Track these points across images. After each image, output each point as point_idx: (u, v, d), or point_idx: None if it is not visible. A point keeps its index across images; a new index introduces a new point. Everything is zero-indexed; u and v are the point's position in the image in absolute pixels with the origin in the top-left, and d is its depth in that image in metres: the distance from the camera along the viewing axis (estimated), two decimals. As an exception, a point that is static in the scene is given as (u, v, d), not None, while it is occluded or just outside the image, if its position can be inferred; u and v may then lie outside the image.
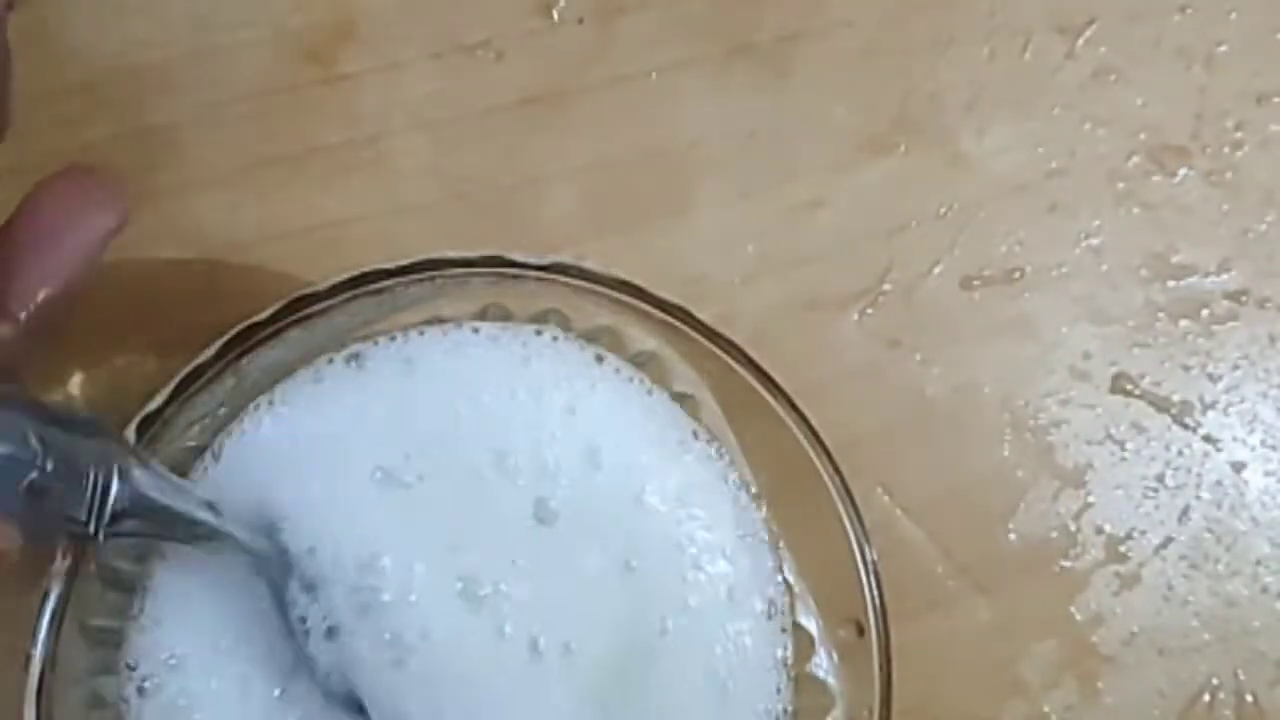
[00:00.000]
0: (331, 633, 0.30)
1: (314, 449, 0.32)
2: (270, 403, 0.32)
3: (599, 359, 0.34)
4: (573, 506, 0.33)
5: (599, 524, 0.33)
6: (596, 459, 0.33)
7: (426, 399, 0.33)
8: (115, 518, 0.27)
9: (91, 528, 0.27)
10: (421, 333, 0.34)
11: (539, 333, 0.34)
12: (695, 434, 0.34)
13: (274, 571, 0.30)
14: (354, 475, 0.32)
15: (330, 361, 0.33)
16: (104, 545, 0.28)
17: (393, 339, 0.33)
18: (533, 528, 0.33)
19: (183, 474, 0.33)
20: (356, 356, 0.33)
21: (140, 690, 0.30)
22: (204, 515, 0.29)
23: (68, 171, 0.29)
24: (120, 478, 0.27)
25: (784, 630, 0.34)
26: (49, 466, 0.25)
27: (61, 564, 0.29)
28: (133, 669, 0.31)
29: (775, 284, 0.42)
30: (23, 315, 0.27)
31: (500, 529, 0.32)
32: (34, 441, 0.25)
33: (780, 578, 0.34)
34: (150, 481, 0.28)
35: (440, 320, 0.34)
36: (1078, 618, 0.42)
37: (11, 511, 0.25)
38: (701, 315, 0.33)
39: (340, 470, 0.32)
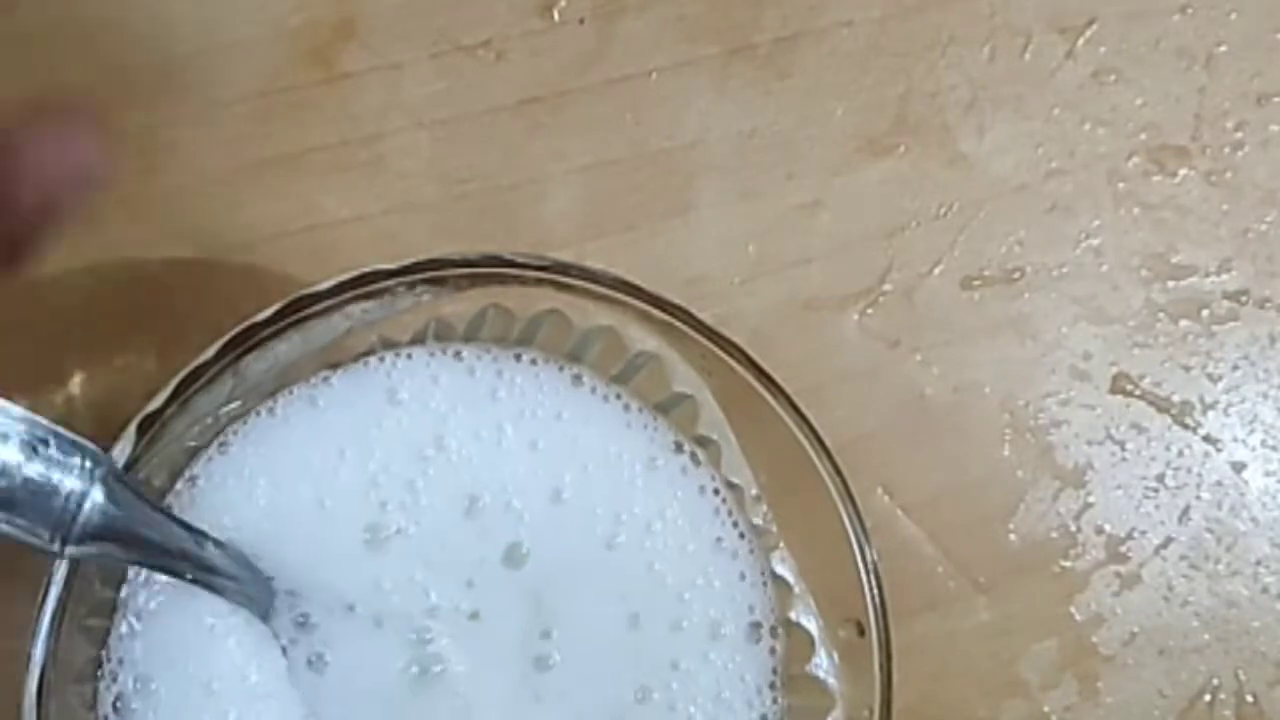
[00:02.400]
0: (313, 663, 0.31)
1: (291, 504, 0.32)
2: (224, 444, 0.32)
3: (576, 380, 0.34)
4: (543, 549, 0.33)
5: (570, 563, 0.33)
6: (560, 495, 0.33)
7: (397, 441, 0.33)
8: (83, 539, 0.26)
9: (55, 546, 0.26)
10: (394, 362, 0.33)
11: (518, 357, 0.34)
12: (678, 446, 0.34)
13: (258, 606, 0.30)
14: (336, 530, 0.32)
15: (291, 392, 0.33)
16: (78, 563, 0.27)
17: (365, 365, 0.33)
18: (503, 572, 0.33)
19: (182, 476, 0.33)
20: (311, 396, 0.33)
21: (115, 708, 0.30)
22: (186, 545, 0.29)
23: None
24: (95, 498, 0.26)
25: (772, 651, 0.34)
26: (20, 479, 0.25)
27: (62, 563, 0.29)
28: (113, 680, 0.31)
29: (775, 284, 0.42)
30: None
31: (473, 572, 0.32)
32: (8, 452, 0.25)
33: (766, 585, 0.34)
34: (129, 504, 0.27)
35: (436, 318, 0.34)
36: (1078, 618, 0.42)
37: None
38: (701, 315, 0.33)
39: (320, 526, 0.32)
